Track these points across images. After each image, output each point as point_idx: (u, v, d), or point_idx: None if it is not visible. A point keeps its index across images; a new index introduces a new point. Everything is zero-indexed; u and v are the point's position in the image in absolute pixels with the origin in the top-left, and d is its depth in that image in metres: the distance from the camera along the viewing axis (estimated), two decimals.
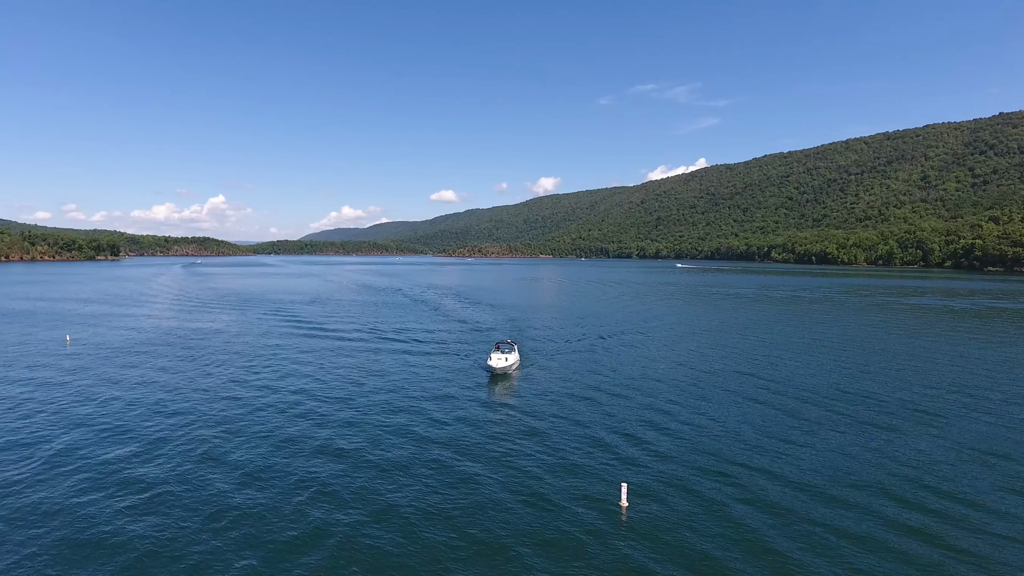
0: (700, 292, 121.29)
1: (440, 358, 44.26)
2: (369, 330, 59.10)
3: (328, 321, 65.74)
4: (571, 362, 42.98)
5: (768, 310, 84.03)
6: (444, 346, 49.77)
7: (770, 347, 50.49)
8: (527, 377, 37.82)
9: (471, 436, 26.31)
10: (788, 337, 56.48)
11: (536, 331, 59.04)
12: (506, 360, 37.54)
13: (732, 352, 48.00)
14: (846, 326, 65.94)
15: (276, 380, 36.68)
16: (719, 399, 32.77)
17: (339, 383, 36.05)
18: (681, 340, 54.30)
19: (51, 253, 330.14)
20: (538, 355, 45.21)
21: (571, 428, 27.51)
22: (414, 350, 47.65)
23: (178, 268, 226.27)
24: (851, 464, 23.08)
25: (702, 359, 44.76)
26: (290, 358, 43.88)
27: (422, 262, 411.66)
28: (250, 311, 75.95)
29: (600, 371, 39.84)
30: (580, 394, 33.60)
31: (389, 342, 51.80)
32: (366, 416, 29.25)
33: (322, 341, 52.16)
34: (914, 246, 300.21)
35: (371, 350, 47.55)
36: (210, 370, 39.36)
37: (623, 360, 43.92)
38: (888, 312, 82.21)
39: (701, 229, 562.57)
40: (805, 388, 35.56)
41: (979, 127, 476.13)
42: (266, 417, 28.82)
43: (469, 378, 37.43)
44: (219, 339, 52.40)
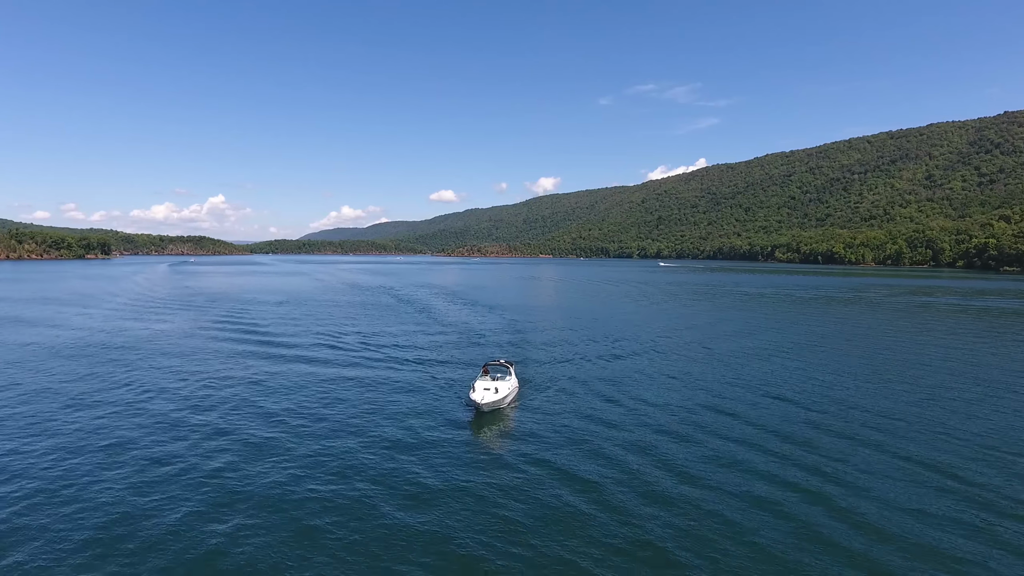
0: (710, 293, 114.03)
1: (413, 380, 34.34)
2: (333, 339, 48.61)
3: (289, 327, 55.62)
4: (581, 385, 33.30)
5: (798, 312, 76.74)
6: (421, 362, 39.25)
7: (819, 361, 41.67)
8: (526, 411, 28.09)
9: (431, 525, 16.86)
10: (837, 349, 46.92)
11: (536, 338, 50.30)
12: (496, 392, 27.65)
13: (772, 369, 38.62)
14: (915, 336, 55.05)
15: (174, 413, 27.04)
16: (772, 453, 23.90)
17: (256, 421, 25.94)
18: (701, 350, 45.52)
19: (38, 252, 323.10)
20: (540, 374, 36.10)
21: (592, 517, 17.44)
22: (381, 368, 37.39)
23: (163, 267, 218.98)
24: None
25: (736, 380, 35.14)
26: (210, 377, 34.30)
27: (420, 261, 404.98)
28: (209, 311, 68.05)
29: (619, 397, 30.59)
30: (598, 444, 23.34)
31: (353, 355, 41.65)
32: (276, 478, 19.72)
33: (270, 350, 42.89)
34: (923, 245, 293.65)
35: (324, 368, 37.09)
36: (99, 390, 31.79)
37: (643, 382, 34.26)
38: (937, 313, 75.10)
39: (703, 229, 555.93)
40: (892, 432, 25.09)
41: (984, 126, 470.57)
42: (120, 489, 18.99)
43: (445, 415, 27.18)
44: (144, 347, 43.72)
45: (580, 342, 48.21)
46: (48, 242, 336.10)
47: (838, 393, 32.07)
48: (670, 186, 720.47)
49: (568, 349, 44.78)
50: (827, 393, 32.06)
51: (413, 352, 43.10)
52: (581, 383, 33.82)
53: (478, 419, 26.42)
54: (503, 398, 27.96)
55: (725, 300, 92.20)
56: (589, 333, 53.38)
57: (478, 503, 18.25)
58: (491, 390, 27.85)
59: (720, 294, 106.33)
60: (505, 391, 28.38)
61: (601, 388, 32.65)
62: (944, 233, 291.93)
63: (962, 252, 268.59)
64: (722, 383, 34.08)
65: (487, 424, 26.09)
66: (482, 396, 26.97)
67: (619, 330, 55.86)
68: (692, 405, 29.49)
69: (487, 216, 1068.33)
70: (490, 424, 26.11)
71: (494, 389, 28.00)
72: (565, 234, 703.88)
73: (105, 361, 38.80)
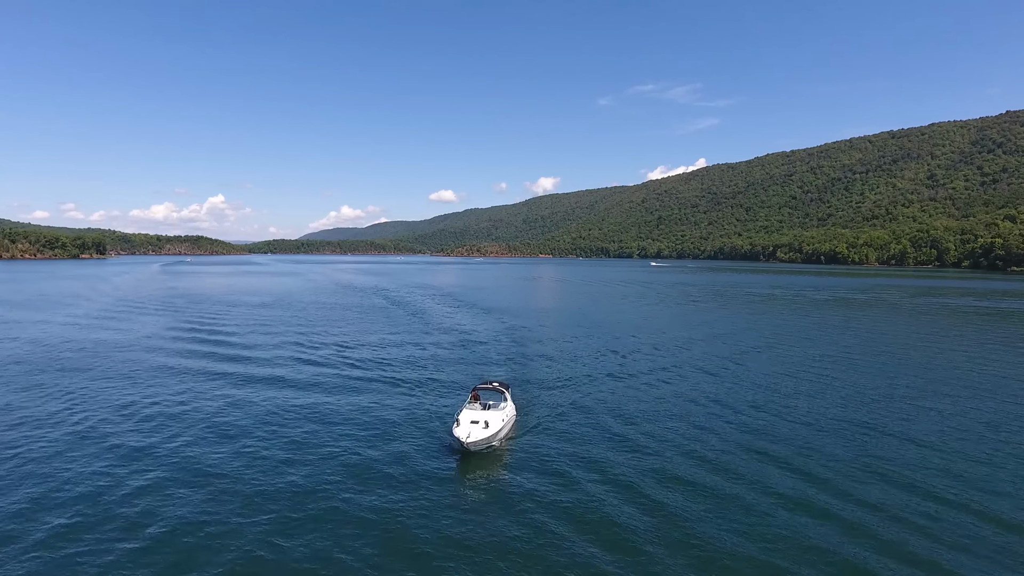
0: (717, 295, 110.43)
1: (388, 406, 28.39)
2: (306, 350, 43.06)
3: (262, 334, 49.95)
4: (590, 412, 28.12)
5: (819, 317, 72.88)
6: (402, 382, 33.59)
7: (866, 382, 35.04)
8: (525, 449, 23.01)
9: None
10: (879, 364, 40.21)
11: (536, 349, 45.02)
12: (486, 426, 22.68)
13: (812, 389, 33.05)
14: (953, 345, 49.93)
15: (95, 446, 22.55)
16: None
17: (183, 460, 21.22)
18: (721, 364, 39.88)
19: (32, 251, 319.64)
20: (541, 396, 30.79)
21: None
22: (352, 389, 31.86)
23: (155, 267, 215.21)
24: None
25: (767, 402, 29.95)
26: (151, 396, 29.85)
27: (418, 261, 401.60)
28: (182, 315, 63.78)
29: (633, 427, 25.61)
30: (614, 495, 18.73)
31: (324, 371, 36.19)
32: (194, 531, 16.00)
33: (229, 366, 37.19)
34: (928, 245, 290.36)
35: (284, 390, 31.34)
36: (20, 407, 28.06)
37: (662, 409, 28.81)
38: (965, 317, 71.42)
39: (703, 229, 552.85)
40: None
41: (986, 125, 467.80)
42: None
43: (422, 456, 22.03)
44: (90, 358, 39.36)
45: (586, 355, 43.07)
46: (42, 242, 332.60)
47: (898, 425, 26.55)
48: (670, 186, 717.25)
49: (572, 364, 39.71)
50: (890, 427, 26.13)
51: (395, 367, 37.77)
52: (589, 409, 28.60)
53: (464, 461, 21.45)
54: (495, 433, 22.77)
55: (736, 304, 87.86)
56: (594, 343, 48.55)
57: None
58: (480, 423, 22.75)
59: (728, 296, 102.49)
60: (498, 424, 23.28)
61: (613, 415, 27.51)
62: (948, 233, 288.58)
63: (967, 252, 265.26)
64: (752, 406, 29.46)
65: (475, 468, 20.93)
66: (468, 432, 21.92)
67: (627, 339, 50.89)
68: (722, 440, 24.30)
69: (487, 216, 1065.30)
70: (479, 468, 20.95)
71: (483, 422, 22.84)
72: (565, 234, 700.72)
73: (39, 371, 34.94)
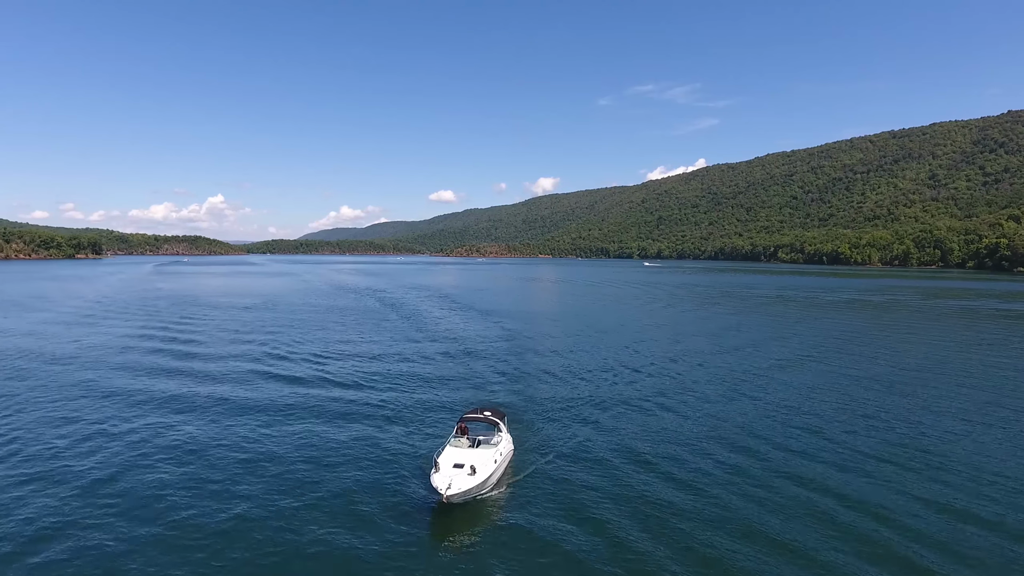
0: (728, 297, 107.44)
1: (359, 436, 23.87)
2: (280, 360, 38.94)
3: (236, 341, 47.09)
4: (603, 442, 23.74)
5: (838, 322, 69.48)
6: (381, 404, 28.75)
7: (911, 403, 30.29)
8: (524, 498, 18.65)
9: None
10: (922, 382, 34.88)
11: (538, 363, 40.08)
12: (472, 471, 18.23)
13: (851, 409, 28.99)
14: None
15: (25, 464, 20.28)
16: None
17: (104, 503, 17.85)
18: (747, 380, 35.03)
19: (27, 251, 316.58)
20: (543, 422, 26.31)
21: None
22: (317, 411, 27.34)
23: (149, 267, 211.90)
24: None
25: (805, 428, 26.13)
26: (94, 413, 26.59)
27: (417, 261, 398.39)
28: (158, 318, 60.59)
29: (657, 462, 21.41)
30: (637, 560, 15.23)
31: (293, 388, 31.47)
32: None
33: (184, 385, 32.43)
34: (932, 246, 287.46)
35: (239, 417, 26.53)
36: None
37: (689, 438, 24.41)
38: (993, 321, 68.40)
39: (704, 229, 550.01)
40: None
41: (987, 125, 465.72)
42: None
43: (392, 507, 18.03)
44: (42, 366, 36.62)
45: (593, 369, 38.34)
46: (37, 242, 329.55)
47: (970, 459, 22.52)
48: (670, 186, 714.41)
49: (579, 382, 34.70)
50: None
51: (374, 384, 32.87)
52: (602, 441, 23.85)
53: (442, 516, 17.07)
54: (483, 481, 18.23)
55: (749, 307, 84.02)
56: (603, 355, 43.67)
57: None
58: (465, 468, 18.34)
59: (738, 298, 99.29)
60: (487, 468, 18.79)
61: (630, 452, 22.74)
62: (952, 233, 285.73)
63: (972, 252, 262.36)
64: (789, 428, 25.81)
65: (455, 527, 16.67)
66: (448, 480, 17.41)
67: (638, 349, 46.20)
68: (762, 484, 19.72)
69: (486, 216, 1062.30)
70: (460, 526, 16.71)
71: (469, 467, 18.37)
72: (564, 234, 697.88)
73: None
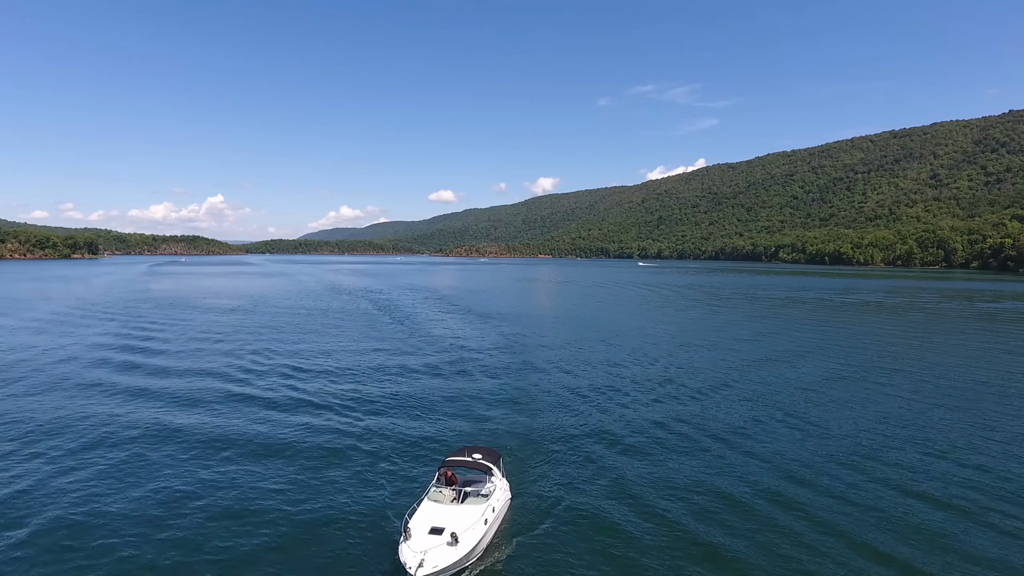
0: (736, 298, 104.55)
1: (313, 478, 19.68)
2: (247, 373, 34.78)
3: (204, 349, 43.15)
4: (620, 484, 19.57)
5: (860, 325, 66.62)
6: (350, 429, 24.45)
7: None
8: (519, 567, 14.85)
9: None
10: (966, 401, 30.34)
11: (539, 381, 34.32)
12: (453, 541, 13.79)
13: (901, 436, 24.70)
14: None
15: None
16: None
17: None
18: (780, 399, 30.39)
19: (22, 251, 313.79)
20: (547, 459, 21.75)
21: None
22: (273, 443, 22.79)
23: (143, 267, 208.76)
24: None
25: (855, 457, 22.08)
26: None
27: (416, 262, 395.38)
28: (133, 322, 57.42)
29: (696, 513, 17.43)
30: None
31: (253, 410, 27.22)
32: None
33: (134, 405, 28.08)
34: (935, 246, 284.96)
35: (175, 450, 22.32)
36: None
37: (724, 482, 19.82)
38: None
39: (704, 229, 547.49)
40: None
41: (989, 124, 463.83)
42: None
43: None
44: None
45: (603, 385, 33.23)
46: (32, 242, 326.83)
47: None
48: (670, 186, 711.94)
49: (589, 402, 29.62)
50: None
51: (349, 406, 27.74)
52: (622, 482, 19.51)
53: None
54: (469, 552, 13.99)
55: (762, 310, 79.86)
56: (612, 366, 38.69)
57: None
58: (444, 535, 13.89)
59: (749, 300, 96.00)
60: (474, 533, 14.33)
61: (660, 495, 18.71)
62: (955, 233, 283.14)
63: (976, 253, 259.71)
64: (853, 479, 20.42)
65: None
66: (421, 553, 13.11)
67: (654, 359, 41.24)
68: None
69: (486, 216, 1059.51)
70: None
71: (450, 534, 13.83)
72: (564, 234, 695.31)
73: None
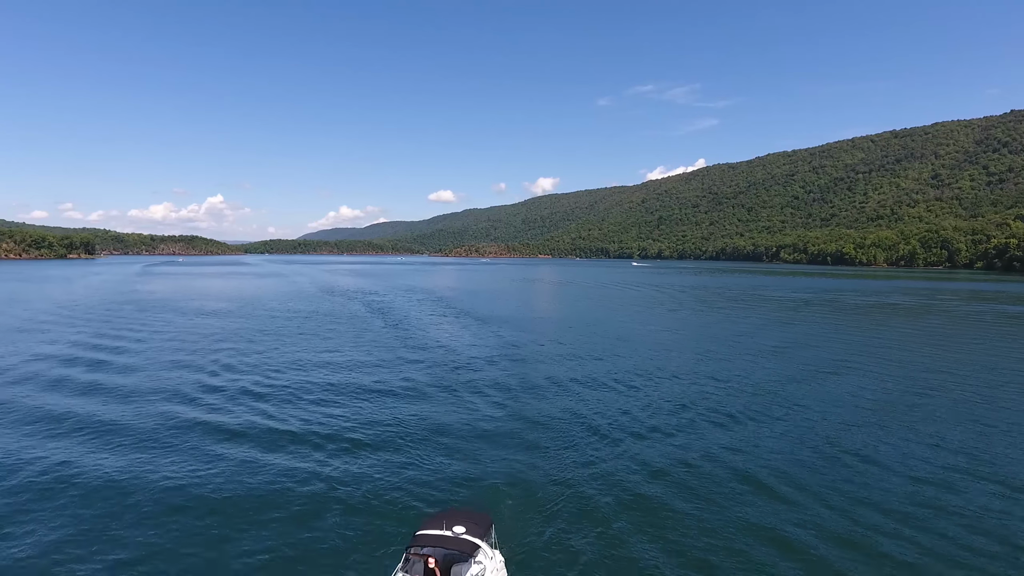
0: (752, 299, 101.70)
1: (247, 549, 15.06)
2: (208, 391, 30.78)
3: (169, 360, 39.09)
4: (644, 546, 15.56)
5: (885, 330, 63.56)
6: (306, 477, 19.60)
7: None
8: None
9: None
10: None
11: (543, 406, 28.87)
12: None
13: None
14: None
15: None
16: None
17: None
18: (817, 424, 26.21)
19: (17, 251, 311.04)
20: (550, 508, 17.64)
21: None
22: (198, 500, 18.00)
23: (137, 267, 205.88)
24: None
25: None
26: None
27: (415, 262, 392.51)
28: (108, 324, 54.19)
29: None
30: None
31: (193, 442, 22.82)
32: None
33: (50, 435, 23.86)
34: (938, 246, 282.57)
35: (95, 486, 18.86)
36: None
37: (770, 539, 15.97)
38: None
39: (705, 229, 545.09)
40: None
41: (990, 124, 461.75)
42: None
43: None
44: None
45: (616, 410, 28.28)
46: (28, 242, 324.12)
47: None
48: (670, 186, 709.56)
49: (600, 433, 24.57)
50: None
51: (313, 440, 22.94)
52: (647, 552, 15.16)
53: None
54: None
55: (775, 313, 76.00)
56: (624, 384, 33.68)
57: None
58: None
59: (759, 302, 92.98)
60: None
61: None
62: (959, 233, 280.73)
63: (980, 253, 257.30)
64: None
65: None
66: None
67: (672, 373, 36.55)
68: None
69: (486, 216, 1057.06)
70: None
71: None
72: (564, 234, 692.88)
73: None
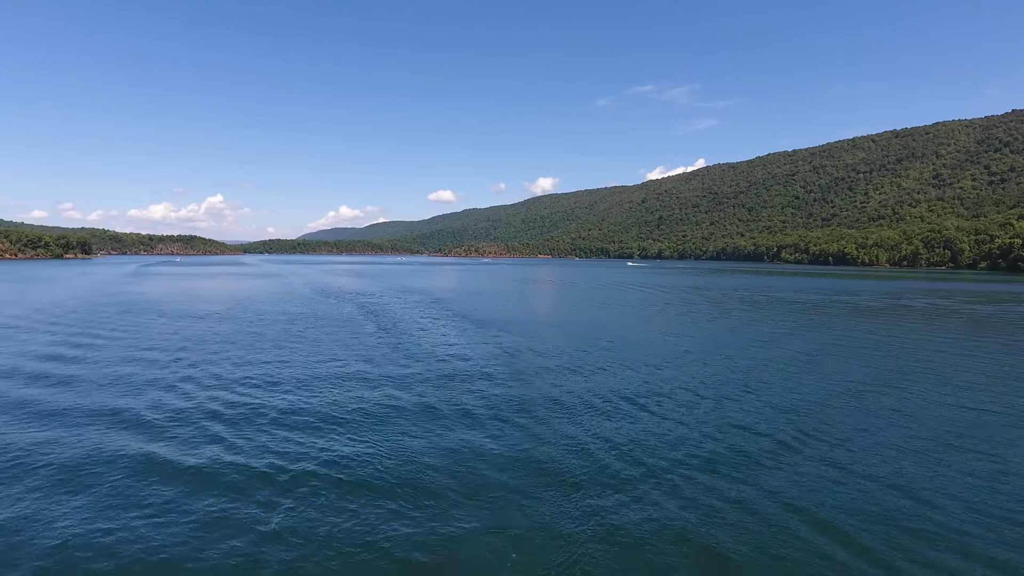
0: (759, 300, 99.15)
1: None
2: (156, 423, 18.46)
3: (139, 374, 31.67)
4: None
5: (913, 337, 61.50)
6: (261, 535, 13.72)
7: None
8: None
9: None
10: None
11: (549, 430, 21.60)
12: None
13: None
14: None
15: None
16: None
17: None
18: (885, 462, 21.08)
19: (13, 251, 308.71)
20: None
21: None
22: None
23: (131, 268, 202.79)
24: None
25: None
26: None
27: (415, 262, 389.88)
28: (90, 329, 48.03)
29: None
30: None
31: (138, 477, 17.00)
32: None
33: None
34: (941, 246, 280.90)
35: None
36: None
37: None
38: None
39: (705, 229, 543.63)
40: None
41: (992, 124, 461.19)
42: None
43: None
44: None
45: (629, 430, 21.45)
46: (23, 241, 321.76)
47: None
48: (670, 186, 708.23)
49: (609, 471, 17.73)
50: None
51: (274, 480, 16.79)
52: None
53: None
54: None
55: (790, 317, 74.62)
56: (636, 402, 25.84)
57: None
58: None
59: (768, 304, 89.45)
60: None
61: None
62: (962, 233, 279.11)
63: (984, 253, 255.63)
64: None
65: None
66: None
67: (692, 388, 28.36)
68: None
69: (485, 216, 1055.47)
70: None
71: None
72: (564, 234, 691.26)
73: None
